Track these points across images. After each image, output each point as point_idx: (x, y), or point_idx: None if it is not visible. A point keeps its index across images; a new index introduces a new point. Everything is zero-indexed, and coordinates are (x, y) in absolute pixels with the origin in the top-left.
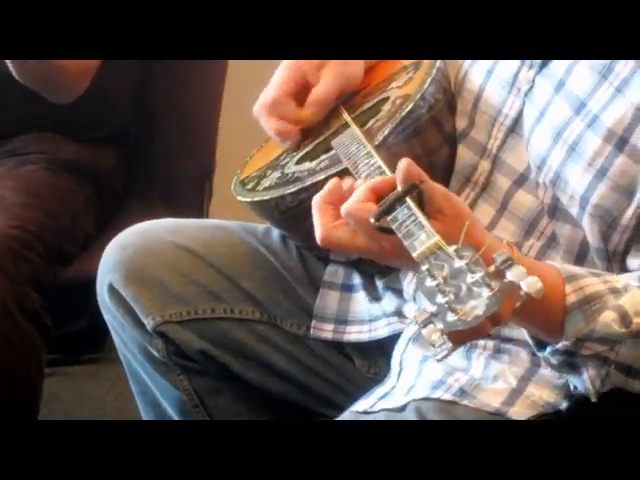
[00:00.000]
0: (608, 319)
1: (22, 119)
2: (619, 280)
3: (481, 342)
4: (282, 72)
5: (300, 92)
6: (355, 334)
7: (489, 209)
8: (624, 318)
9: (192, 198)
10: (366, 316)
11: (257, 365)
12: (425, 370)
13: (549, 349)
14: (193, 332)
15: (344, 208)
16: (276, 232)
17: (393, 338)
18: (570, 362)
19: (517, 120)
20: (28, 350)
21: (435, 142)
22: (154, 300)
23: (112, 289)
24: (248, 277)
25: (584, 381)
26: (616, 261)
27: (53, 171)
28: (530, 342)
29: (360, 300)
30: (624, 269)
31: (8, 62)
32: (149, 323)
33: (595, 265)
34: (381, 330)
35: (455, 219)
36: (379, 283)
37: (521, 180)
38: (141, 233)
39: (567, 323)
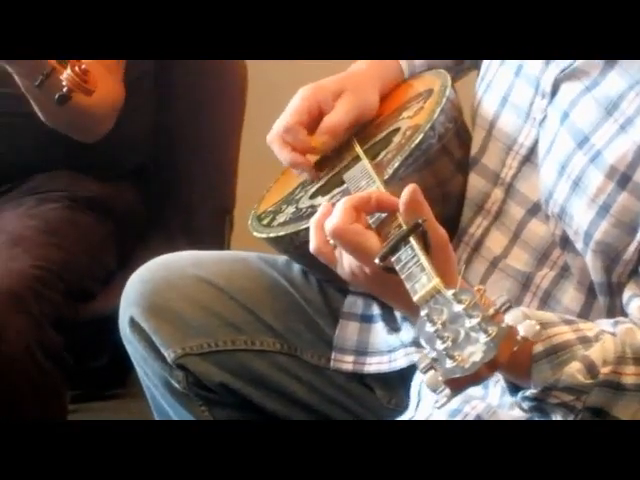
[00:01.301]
0: (573, 370)
1: (42, 158)
2: (592, 328)
3: None
4: (296, 102)
5: (313, 122)
6: (375, 365)
7: (502, 238)
8: (591, 369)
9: (213, 231)
10: (385, 347)
11: (278, 396)
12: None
13: (520, 395)
14: (213, 364)
15: (347, 244)
16: (296, 264)
17: (413, 368)
18: (539, 408)
19: (533, 149)
20: (50, 391)
21: (447, 171)
22: (174, 333)
23: (133, 322)
24: (268, 309)
25: None
26: (619, 295)
27: (73, 209)
28: (505, 385)
29: (379, 331)
30: None
31: (35, 107)
32: (169, 355)
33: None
34: (400, 361)
35: (450, 260)
36: (397, 313)
37: (535, 209)
38: (161, 266)
39: (534, 371)
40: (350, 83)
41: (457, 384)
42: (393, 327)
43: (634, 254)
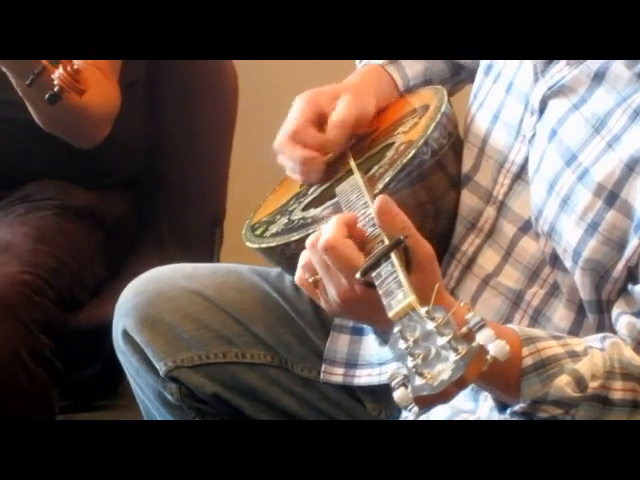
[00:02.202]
0: (562, 383)
1: (35, 167)
2: (580, 343)
3: None
4: (299, 104)
5: (318, 123)
6: (365, 377)
7: (494, 255)
8: (580, 382)
9: (204, 242)
10: (375, 359)
11: (269, 408)
12: (432, 412)
13: (508, 411)
14: (205, 376)
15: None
16: (288, 276)
17: None
18: None
19: (523, 167)
20: (39, 396)
21: (441, 187)
22: (167, 345)
23: (126, 334)
24: (260, 321)
25: None
26: (609, 313)
27: (63, 217)
28: (493, 404)
29: (370, 343)
30: None
31: (32, 110)
32: (161, 368)
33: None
34: None
35: (431, 278)
36: None
37: (526, 227)
38: (155, 279)
39: (523, 385)
40: (347, 88)
41: (425, 401)
42: (385, 339)
43: (622, 272)
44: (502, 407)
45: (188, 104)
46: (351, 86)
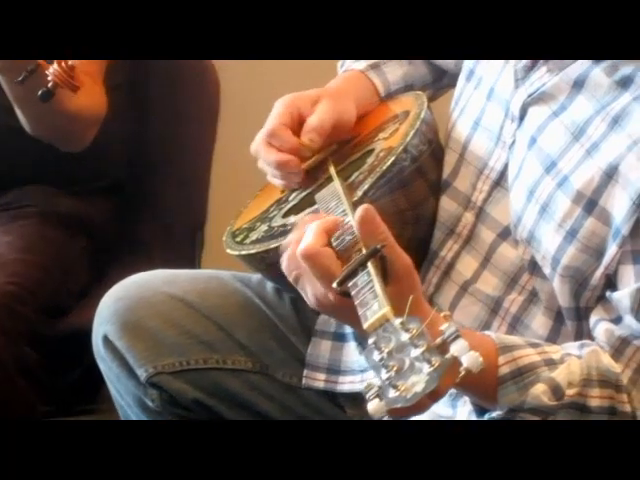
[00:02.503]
0: (538, 391)
1: (18, 172)
2: (557, 351)
3: None
4: (277, 107)
5: (296, 126)
6: (348, 384)
7: (472, 261)
8: (556, 391)
9: (185, 249)
10: (357, 367)
11: (251, 414)
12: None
13: (486, 416)
14: (186, 382)
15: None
16: (269, 282)
17: None
18: None
19: (503, 173)
20: (23, 407)
21: (421, 193)
22: (147, 351)
23: (107, 340)
24: (241, 327)
25: None
26: (587, 319)
27: (47, 224)
28: (472, 407)
29: (352, 350)
30: None
31: (19, 114)
32: (142, 374)
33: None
34: None
35: (409, 289)
36: None
37: (505, 233)
38: (136, 284)
39: (500, 394)
40: (327, 92)
41: (399, 413)
42: (365, 346)
43: (601, 279)
44: (481, 412)
45: (169, 108)
46: (331, 92)
